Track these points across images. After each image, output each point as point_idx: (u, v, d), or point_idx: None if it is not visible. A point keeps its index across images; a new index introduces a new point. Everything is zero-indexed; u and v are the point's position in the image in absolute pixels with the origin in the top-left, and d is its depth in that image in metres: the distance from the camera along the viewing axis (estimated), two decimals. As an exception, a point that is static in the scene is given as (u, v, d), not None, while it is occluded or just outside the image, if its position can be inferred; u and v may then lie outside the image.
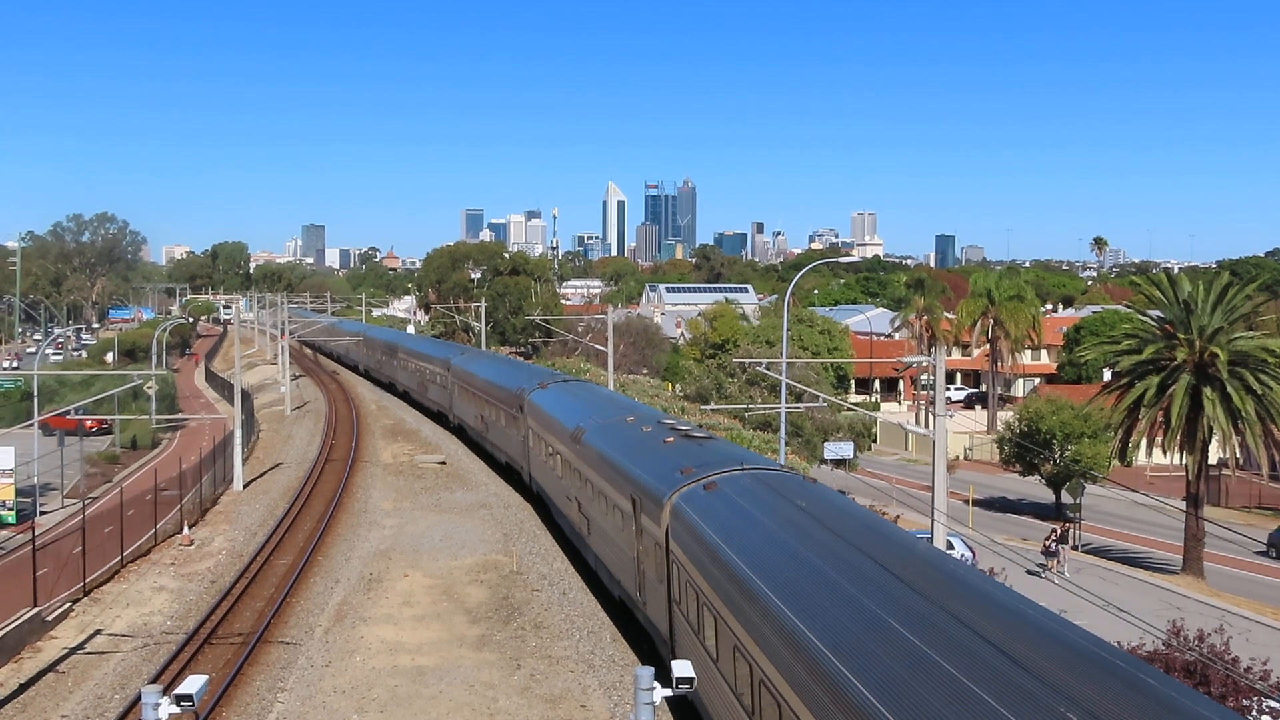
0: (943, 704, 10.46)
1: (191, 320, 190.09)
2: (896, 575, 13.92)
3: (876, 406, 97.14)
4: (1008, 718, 9.82)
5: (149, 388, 77.80)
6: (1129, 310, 57.99)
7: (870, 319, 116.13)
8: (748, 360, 55.40)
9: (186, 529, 38.35)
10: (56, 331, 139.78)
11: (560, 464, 32.12)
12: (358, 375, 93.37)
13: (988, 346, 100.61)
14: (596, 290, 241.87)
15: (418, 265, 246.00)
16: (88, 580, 30.88)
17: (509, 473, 45.06)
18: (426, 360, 64.87)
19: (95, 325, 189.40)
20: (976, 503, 60.84)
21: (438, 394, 61.85)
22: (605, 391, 42.08)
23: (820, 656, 12.41)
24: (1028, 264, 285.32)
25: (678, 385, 78.28)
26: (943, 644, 11.57)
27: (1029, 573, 41.94)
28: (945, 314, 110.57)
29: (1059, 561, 44.07)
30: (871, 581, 13.90)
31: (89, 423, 74.02)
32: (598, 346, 73.12)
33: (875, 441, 77.60)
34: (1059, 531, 46.48)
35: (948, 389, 36.81)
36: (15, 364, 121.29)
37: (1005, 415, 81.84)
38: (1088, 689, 10.11)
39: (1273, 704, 21.31)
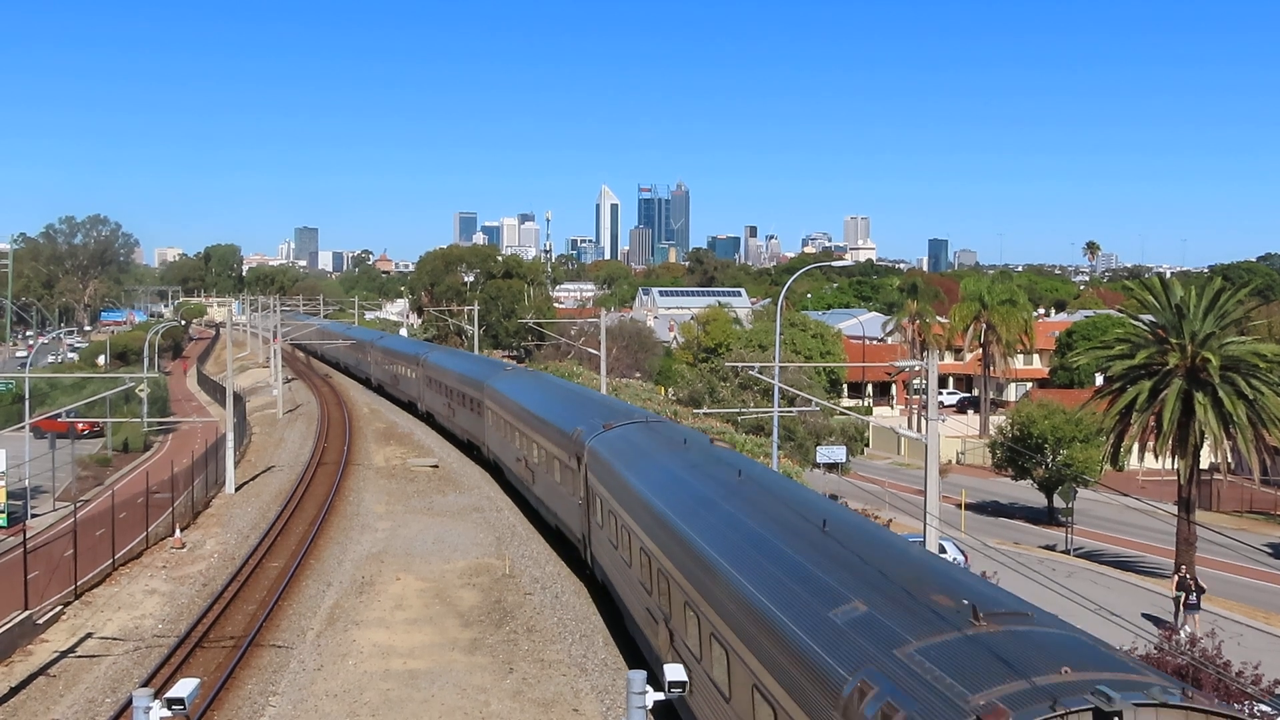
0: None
1: (184, 323, 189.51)
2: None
3: (869, 410, 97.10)
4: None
5: (141, 391, 77.74)
6: (1121, 315, 57.85)
7: (863, 323, 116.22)
8: (740, 364, 55.42)
9: (178, 532, 38.26)
10: (42, 338, 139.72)
11: None
12: (414, 416, 67.77)
13: (980, 351, 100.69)
14: (590, 293, 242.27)
15: (411, 268, 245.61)
16: (79, 583, 30.79)
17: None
18: (542, 428, 35.15)
19: (87, 328, 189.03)
20: (969, 507, 60.91)
21: (553, 493, 33.63)
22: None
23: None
24: (1020, 268, 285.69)
25: (671, 389, 78.27)
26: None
27: (1159, 625, 34.00)
28: (938, 318, 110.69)
29: (1192, 617, 34.53)
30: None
31: (81, 425, 74.01)
32: (590, 350, 73.10)
33: (868, 445, 77.47)
34: (1187, 577, 36.49)
35: (940, 393, 36.80)
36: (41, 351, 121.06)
37: (997, 420, 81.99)
38: None
39: (1264, 708, 21.34)
